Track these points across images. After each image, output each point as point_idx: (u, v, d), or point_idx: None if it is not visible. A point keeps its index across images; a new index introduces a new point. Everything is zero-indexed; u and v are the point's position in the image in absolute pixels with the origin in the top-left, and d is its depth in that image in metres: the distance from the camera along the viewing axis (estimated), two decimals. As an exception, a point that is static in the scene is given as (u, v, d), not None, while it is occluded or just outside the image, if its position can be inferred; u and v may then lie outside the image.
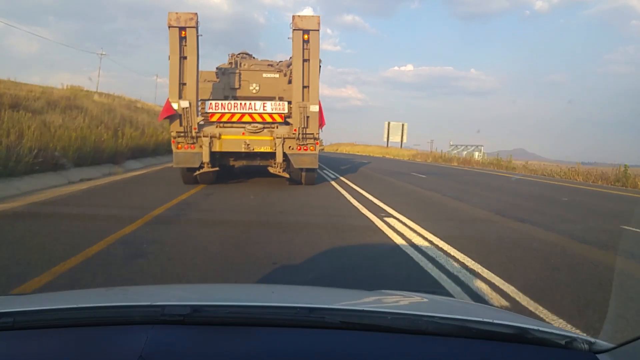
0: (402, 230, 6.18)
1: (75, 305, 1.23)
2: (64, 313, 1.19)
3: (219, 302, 1.34)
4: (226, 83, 12.18)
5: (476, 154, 39.14)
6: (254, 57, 13.61)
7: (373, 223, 6.70)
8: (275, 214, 7.54)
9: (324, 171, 16.55)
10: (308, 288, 2.40)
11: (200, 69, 11.29)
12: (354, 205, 8.46)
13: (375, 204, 8.62)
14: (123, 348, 1.01)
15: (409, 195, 10.95)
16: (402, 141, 56.14)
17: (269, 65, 12.79)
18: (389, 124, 56.92)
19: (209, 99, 11.44)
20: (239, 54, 13.41)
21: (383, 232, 6.09)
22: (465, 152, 40.90)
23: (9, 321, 1.10)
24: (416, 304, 1.57)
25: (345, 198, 9.56)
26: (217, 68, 12.62)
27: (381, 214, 7.49)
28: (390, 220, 6.91)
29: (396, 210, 7.79)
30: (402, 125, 56.97)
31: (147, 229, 5.71)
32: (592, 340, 1.09)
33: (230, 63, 12.84)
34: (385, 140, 56.60)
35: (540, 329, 1.12)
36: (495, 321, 1.14)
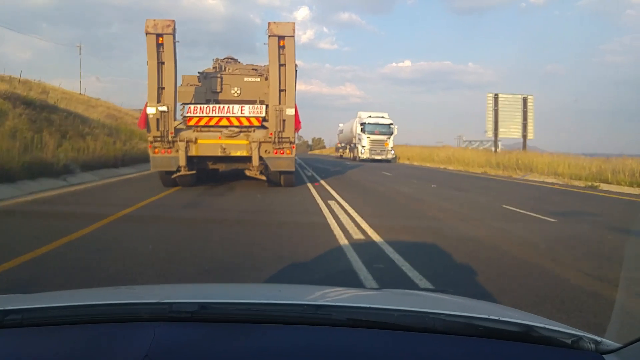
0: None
1: (82, 303, 1.25)
2: (71, 310, 1.19)
3: (226, 299, 1.34)
4: (208, 87, 12.33)
5: (493, 148, 37.60)
6: (239, 62, 13.76)
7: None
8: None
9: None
10: (314, 287, 2.44)
11: (187, 73, 11.48)
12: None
13: None
14: (130, 345, 1.02)
15: None
16: (525, 138, 28.37)
17: (252, 69, 12.92)
18: (496, 97, 27.95)
19: (190, 103, 11.69)
20: (223, 58, 13.63)
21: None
22: (482, 147, 38.78)
23: (17, 318, 1.11)
24: (422, 302, 1.57)
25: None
26: (199, 72, 12.80)
27: None
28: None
29: None
30: (524, 99, 28.23)
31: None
32: (599, 339, 1.07)
33: (215, 67, 13.04)
34: (491, 134, 28.79)
35: (547, 326, 1.12)
36: (502, 318, 1.14)
